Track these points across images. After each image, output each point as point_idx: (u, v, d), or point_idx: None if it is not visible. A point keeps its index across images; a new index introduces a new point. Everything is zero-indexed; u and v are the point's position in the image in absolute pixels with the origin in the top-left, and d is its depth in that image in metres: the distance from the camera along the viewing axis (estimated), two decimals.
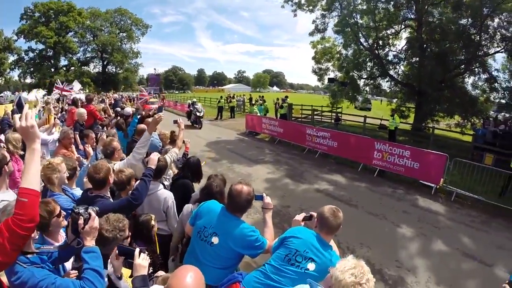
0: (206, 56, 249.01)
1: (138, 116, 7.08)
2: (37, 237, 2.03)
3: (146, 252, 2.08)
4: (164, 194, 3.38)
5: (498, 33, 15.45)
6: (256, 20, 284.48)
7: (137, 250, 1.99)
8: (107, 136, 4.65)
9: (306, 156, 12.24)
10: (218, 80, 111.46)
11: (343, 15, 18.39)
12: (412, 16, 18.10)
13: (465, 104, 16.54)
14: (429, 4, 16.26)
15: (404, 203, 7.99)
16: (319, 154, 12.10)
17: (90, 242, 1.94)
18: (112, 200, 3.00)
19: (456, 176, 9.16)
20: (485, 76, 16.72)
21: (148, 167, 3.11)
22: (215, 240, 2.48)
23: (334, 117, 20.75)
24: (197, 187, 3.93)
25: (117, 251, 2.00)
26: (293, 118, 18.67)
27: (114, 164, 3.64)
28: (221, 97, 26.71)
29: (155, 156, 3.21)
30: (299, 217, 2.70)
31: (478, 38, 15.42)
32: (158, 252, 2.84)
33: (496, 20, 15.34)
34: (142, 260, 1.97)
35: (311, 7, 19.52)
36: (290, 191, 8.40)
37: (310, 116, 19.48)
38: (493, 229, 6.83)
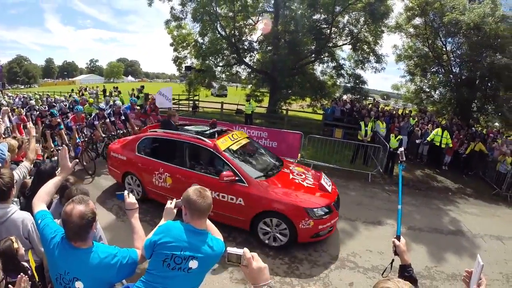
0: (55, 44, 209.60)
1: None
2: None
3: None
4: (21, 216, 2.63)
5: (347, 28, 17.77)
6: (111, 3, 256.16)
7: None
8: None
9: None
10: (69, 71, 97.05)
11: (202, 3, 17.85)
12: (270, 9, 18.96)
13: (315, 88, 18.54)
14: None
15: None
16: None
17: None
18: None
19: (311, 150, 10.04)
20: (333, 64, 19.15)
21: None
22: (79, 285, 1.88)
23: (192, 105, 20.69)
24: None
25: None
26: None
27: None
28: (72, 90, 25.13)
29: None
30: (171, 204, 2.34)
31: (328, 32, 17.30)
32: (37, 278, 2.35)
33: (346, 17, 17.59)
34: None
35: None
36: None
37: None
38: (351, 190, 7.56)
